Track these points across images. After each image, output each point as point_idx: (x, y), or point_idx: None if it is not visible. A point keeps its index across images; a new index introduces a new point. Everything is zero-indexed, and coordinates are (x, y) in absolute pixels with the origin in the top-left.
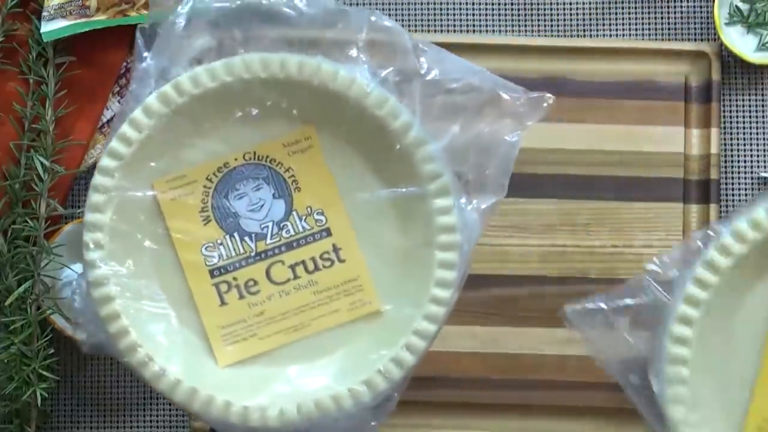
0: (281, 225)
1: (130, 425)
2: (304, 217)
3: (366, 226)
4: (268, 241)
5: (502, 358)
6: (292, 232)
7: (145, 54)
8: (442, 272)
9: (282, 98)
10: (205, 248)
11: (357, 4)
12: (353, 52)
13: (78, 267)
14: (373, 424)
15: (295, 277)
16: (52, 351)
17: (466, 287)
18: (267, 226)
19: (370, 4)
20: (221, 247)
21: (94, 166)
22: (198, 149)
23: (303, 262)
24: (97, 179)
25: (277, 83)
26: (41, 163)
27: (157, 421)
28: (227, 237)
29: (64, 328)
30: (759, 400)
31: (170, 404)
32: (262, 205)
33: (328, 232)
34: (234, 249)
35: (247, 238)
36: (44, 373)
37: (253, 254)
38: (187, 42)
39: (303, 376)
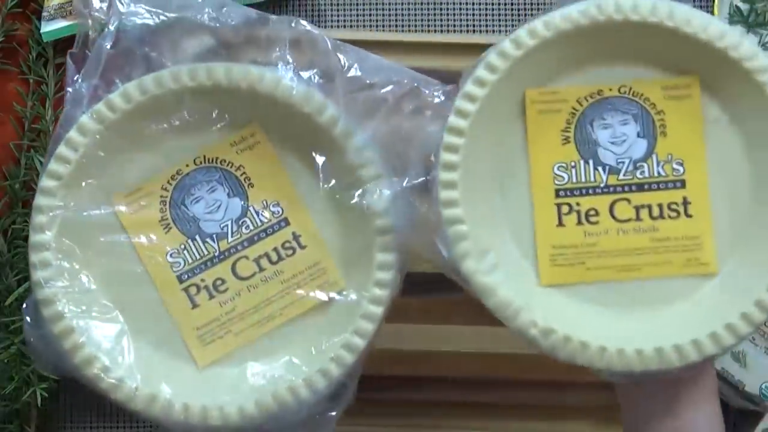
0: (240, 222)
1: (130, 425)
2: (261, 211)
3: (319, 213)
4: (230, 239)
5: (502, 358)
6: (252, 227)
7: (76, 77)
8: (382, 255)
9: (215, 105)
10: (170, 255)
11: (353, 4)
12: (277, 56)
13: None
14: (332, 414)
15: (261, 269)
16: None
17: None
18: (227, 225)
19: (365, 3)
20: (185, 252)
21: None
22: (145, 162)
23: (266, 254)
24: (39, 200)
25: (206, 91)
26: (41, 163)
27: None
28: (189, 241)
29: None
30: (541, 231)
31: None
32: (219, 206)
33: (287, 222)
34: (198, 251)
35: (209, 240)
36: (44, 373)
37: (216, 254)
38: (116, 60)
39: (265, 372)
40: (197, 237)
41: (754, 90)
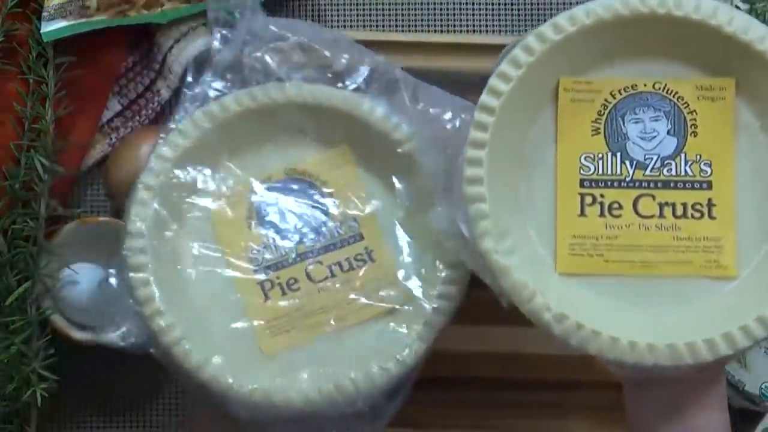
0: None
1: (130, 425)
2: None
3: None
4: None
5: (503, 358)
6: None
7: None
8: (448, 271)
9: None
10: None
11: (353, 4)
12: (356, 86)
13: (78, 267)
14: (389, 409)
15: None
16: (52, 351)
17: (469, 288)
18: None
19: (365, 3)
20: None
21: (94, 166)
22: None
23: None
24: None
25: (306, 107)
26: (41, 163)
27: (157, 421)
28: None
29: (64, 327)
30: (562, 220)
31: (170, 405)
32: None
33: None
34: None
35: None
36: (44, 373)
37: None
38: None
39: (328, 364)
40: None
41: None
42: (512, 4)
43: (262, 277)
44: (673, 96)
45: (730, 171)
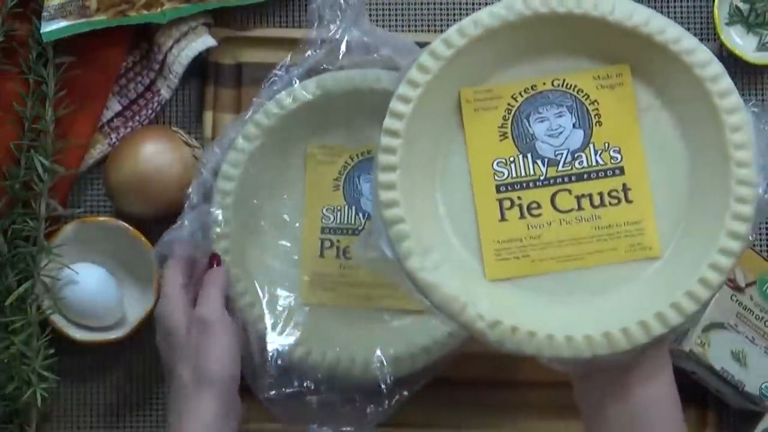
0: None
1: (130, 425)
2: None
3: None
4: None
5: (503, 358)
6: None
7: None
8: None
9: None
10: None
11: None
12: None
13: (78, 267)
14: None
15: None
16: (52, 351)
17: None
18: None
19: (369, 4)
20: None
21: (94, 166)
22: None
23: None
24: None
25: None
26: (41, 163)
27: (157, 421)
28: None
29: (64, 327)
30: (484, 227)
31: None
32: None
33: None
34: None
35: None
36: (44, 373)
37: (542, 178)
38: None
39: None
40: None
41: (684, 72)
42: None
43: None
44: (573, 90)
45: (640, 153)
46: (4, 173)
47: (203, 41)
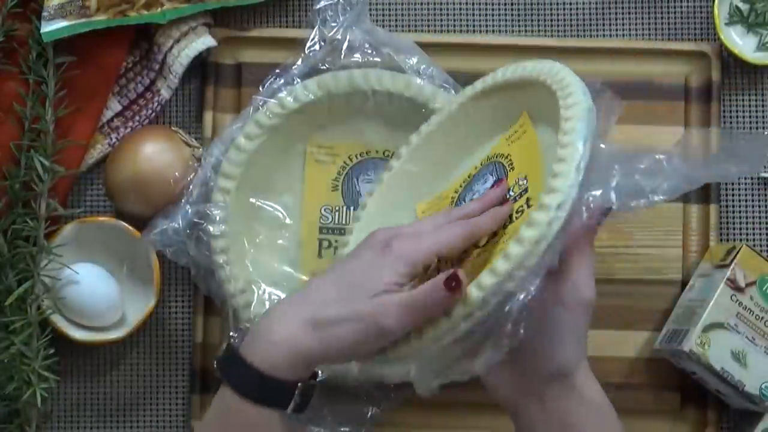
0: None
1: (130, 425)
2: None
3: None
4: None
5: None
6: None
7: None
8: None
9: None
10: (324, 209)
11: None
12: None
13: (78, 267)
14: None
15: None
16: (52, 351)
17: None
18: None
19: (370, 4)
20: (336, 213)
21: (94, 166)
22: (348, 133)
23: None
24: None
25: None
26: (41, 163)
27: (157, 421)
28: (344, 207)
29: (64, 327)
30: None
31: (170, 405)
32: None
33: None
34: (345, 219)
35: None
36: (44, 373)
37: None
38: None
39: None
40: (352, 208)
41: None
42: (512, 4)
43: (324, 234)
44: (496, 158)
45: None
46: (4, 173)
47: (203, 41)
